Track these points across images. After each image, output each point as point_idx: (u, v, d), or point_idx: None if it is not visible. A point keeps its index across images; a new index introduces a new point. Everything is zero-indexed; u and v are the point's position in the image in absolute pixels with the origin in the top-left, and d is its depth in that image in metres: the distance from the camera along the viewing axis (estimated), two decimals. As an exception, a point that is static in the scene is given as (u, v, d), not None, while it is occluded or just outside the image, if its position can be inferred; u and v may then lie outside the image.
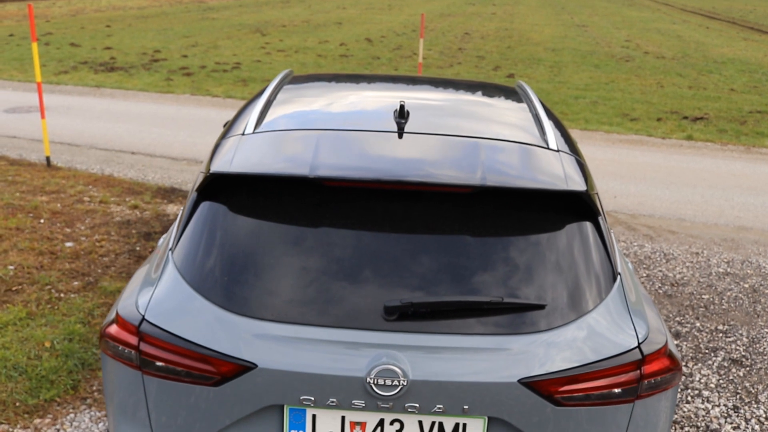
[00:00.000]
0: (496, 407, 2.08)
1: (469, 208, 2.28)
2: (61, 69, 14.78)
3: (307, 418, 2.14)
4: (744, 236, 6.83)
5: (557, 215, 2.31)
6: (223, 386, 2.10)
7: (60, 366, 4.04)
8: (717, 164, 9.24)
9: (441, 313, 2.11)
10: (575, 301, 2.17)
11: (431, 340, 2.08)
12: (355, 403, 2.07)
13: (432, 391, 2.06)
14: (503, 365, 2.07)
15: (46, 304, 4.70)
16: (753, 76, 16.49)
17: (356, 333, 2.08)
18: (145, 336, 2.16)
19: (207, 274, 2.19)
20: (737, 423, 3.96)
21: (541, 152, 2.52)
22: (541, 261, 2.21)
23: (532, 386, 2.06)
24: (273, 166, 2.32)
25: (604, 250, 2.31)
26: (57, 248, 5.54)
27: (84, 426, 3.67)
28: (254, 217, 2.26)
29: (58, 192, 6.90)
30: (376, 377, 2.03)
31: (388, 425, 2.14)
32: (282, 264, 2.17)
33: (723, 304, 5.39)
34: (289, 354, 2.07)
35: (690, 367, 4.49)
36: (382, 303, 2.08)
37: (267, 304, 2.12)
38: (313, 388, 2.07)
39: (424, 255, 2.18)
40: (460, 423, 2.13)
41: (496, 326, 2.10)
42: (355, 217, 2.25)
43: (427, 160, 2.38)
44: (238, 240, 2.23)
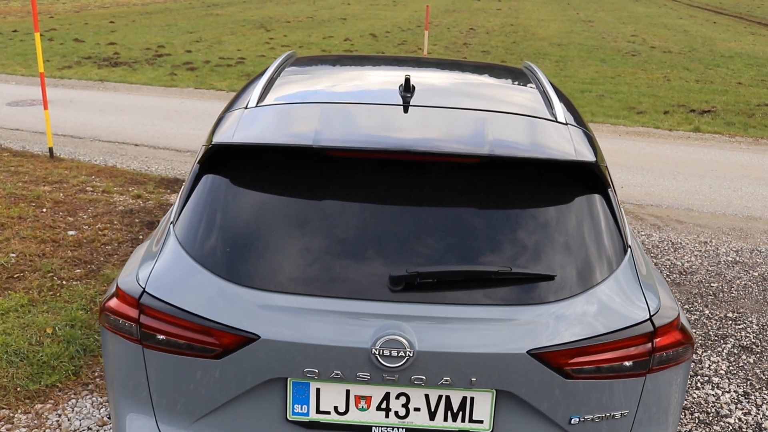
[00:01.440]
0: (505, 380, 2.02)
1: (477, 179, 2.22)
2: (65, 64, 14.75)
3: (310, 391, 2.09)
4: (753, 226, 6.76)
5: (566, 187, 2.25)
6: (225, 359, 2.05)
7: (61, 352, 4.00)
8: (725, 155, 9.16)
9: (448, 283, 2.05)
10: (585, 273, 2.12)
11: (438, 311, 2.02)
12: (360, 375, 2.02)
13: (438, 362, 2.00)
14: (511, 336, 2.01)
15: (48, 291, 4.66)
16: (761, 70, 16.36)
17: (361, 304, 2.02)
18: (145, 309, 2.11)
19: (209, 246, 2.14)
20: (748, 409, 3.89)
21: (549, 125, 2.46)
22: (549, 232, 2.15)
23: (541, 358, 2.01)
24: (276, 137, 2.27)
25: (614, 223, 2.25)
26: (59, 236, 5.50)
27: (86, 411, 3.63)
28: (257, 189, 2.21)
29: (61, 182, 6.86)
30: (381, 348, 1.97)
31: (393, 399, 2.09)
32: (285, 235, 2.12)
33: (732, 292, 5.32)
34: (293, 325, 2.01)
35: (699, 354, 4.43)
36: (387, 274, 2.03)
37: (270, 276, 2.06)
38: (316, 360, 2.01)
39: (430, 226, 2.12)
40: (468, 397, 2.07)
41: (504, 297, 2.04)
42: (359, 188, 2.19)
43: (433, 132, 2.32)
44: (240, 212, 2.18)
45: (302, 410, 2.11)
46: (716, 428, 3.72)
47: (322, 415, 2.11)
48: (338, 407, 2.10)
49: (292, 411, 2.11)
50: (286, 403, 2.10)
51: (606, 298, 2.10)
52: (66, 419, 3.56)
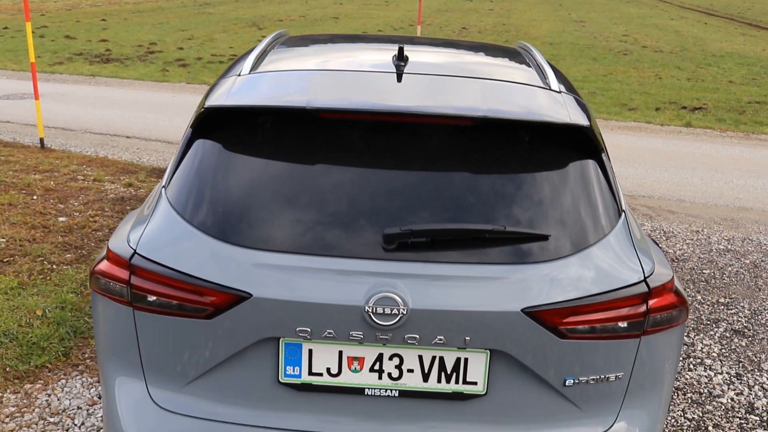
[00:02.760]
0: (499, 339, 2.01)
1: (471, 141, 2.21)
2: (56, 60, 14.68)
3: (303, 352, 2.07)
4: (744, 216, 6.78)
5: (560, 151, 2.24)
6: (217, 319, 2.03)
7: (51, 333, 3.97)
8: (716, 149, 9.19)
9: (442, 242, 2.04)
10: (579, 234, 2.11)
11: (432, 269, 2.00)
12: (353, 334, 2.00)
13: (432, 320, 1.98)
14: (505, 295, 2.00)
15: (38, 275, 4.62)
16: (751, 69, 16.45)
17: (354, 262, 2.00)
18: (136, 269, 2.09)
19: (201, 206, 2.12)
20: (740, 389, 3.90)
21: (543, 92, 2.46)
22: (543, 194, 2.14)
23: (536, 316, 1.99)
24: (269, 101, 2.26)
25: (608, 187, 2.25)
26: (50, 222, 5.46)
27: (75, 391, 3.60)
28: (250, 151, 2.20)
29: (52, 171, 6.82)
30: (374, 306, 1.95)
31: (387, 360, 2.07)
32: (278, 196, 2.10)
33: (724, 279, 5.33)
34: (285, 283, 1.99)
35: (692, 338, 4.43)
36: (380, 232, 2.01)
37: (262, 235, 2.05)
38: (309, 319, 1.99)
39: (423, 187, 2.11)
40: (462, 358, 2.06)
41: (498, 256, 2.03)
42: (353, 150, 2.18)
43: (426, 97, 2.32)
44: (233, 173, 2.16)
45: (294, 372, 2.08)
46: (709, 408, 3.72)
47: (315, 377, 2.09)
48: (331, 369, 2.08)
49: (284, 373, 2.09)
50: (278, 365, 2.08)
51: (600, 258, 2.09)
52: (56, 399, 3.53)
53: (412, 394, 2.09)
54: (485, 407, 2.10)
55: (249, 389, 2.11)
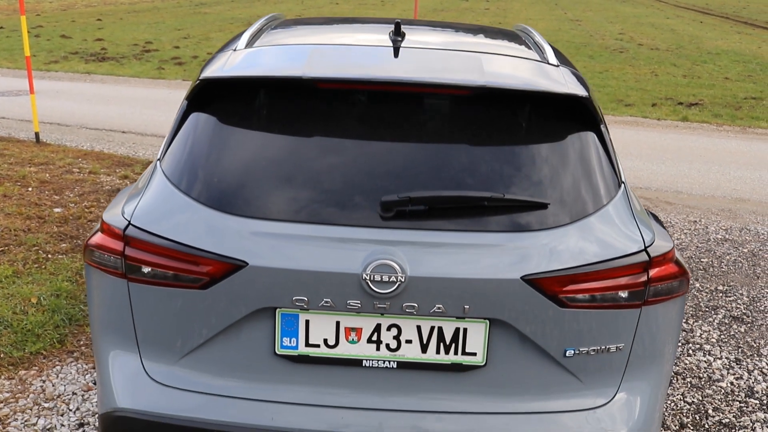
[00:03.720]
0: (498, 308, 1.98)
1: (469, 111, 2.19)
2: (52, 59, 14.63)
3: (299, 323, 2.04)
4: (741, 207, 6.77)
5: (558, 121, 2.22)
6: (212, 289, 2.00)
7: (46, 320, 3.94)
8: (713, 142, 9.19)
9: (440, 209, 2.01)
10: (579, 202, 2.09)
11: (430, 237, 1.98)
12: (351, 303, 1.97)
13: (431, 288, 1.96)
14: (505, 262, 1.97)
15: (33, 264, 4.59)
16: (747, 66, 16.46)
17: (352, 230, 1.98)
18: (131, 240, 2.06)
19: (197, 177, 2.10)
20: (740, 374, 3.88)
21: (541, 65, 2.44)
22: (542, 163, 2.12)
23: (536, 284, 1.97)
24: (266, 71, 2.23)
25: (608, 158, 2.23)
26: (45, 213, 5.43)
27: (70, 377, 3.57)
28: (246, 122, 2.17)
29: (47, 164, 6.78)
30: (372, 273, 1.93)
31: (384, 331, 2.04)
32: (274, 165, 2.08)
33: (722, 267, 5.32)
34: (281, 251, 1.97)
35: (691, 324, 4.42)
36: (378, 200, 1.99)
37: (258, 203, 2.02)
38: (306, 287, 1.96)
39: (421, 156, 2.09)
40: (461, 328, 2.03)
41: (497, 223, 2.01)
42: (350, 121, 2.16)
43: (424, 67, 2.29)
44: (229, 144, 2.13)
45: (291, 343, 2.06)
46: (708, 392, 3.70)
47: (312, 348, 2.06)
48: (328, 340, 2.05)
49: (280, 344, 2.06)
50: (274, 336, 2.05)
51: (600, 228, 2.07)
52: (50, 385, 3.50)
53: (410, 365, 2.07)
54: (484, 379, 2.07)
55: (245, 362, 2.09)
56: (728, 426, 3.42)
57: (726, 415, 3.51)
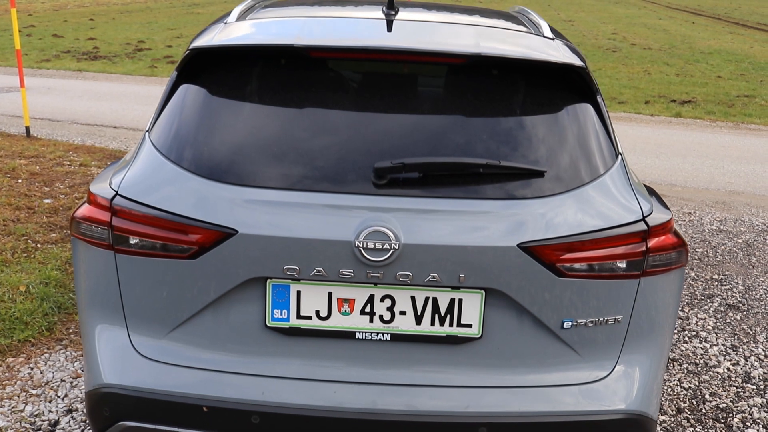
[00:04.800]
0: (494, 277, 1.94)
1: (464, 81, 2.15)
2: (43, 57, 14.55)
3: (291, 294, 1.99)
4: (736, 199, 6.76)
5: (555, 91, 2.19)
6: (201, 258, 1.95)
7: (35, 308, 3.88)
8: (706, 137, 9.19)
9: (435, 176, 1.97)
10: (576, 171, 2.05)
11: (424, 204, 1.93)
12: (343, 272, 1.92)
13: (425, 256, 1.91)
14: (501, 229, 1.93)
15: (22, 253, 4.53)
16: (739, 65, 16.50)
17: (344, 197, 1.93)
18: (118, 211, 2.01)
19: (186, 146, 2.05)
20: (736, 360, 3.85)
21: (536, 37, 2.41)
22: (538, 132, 2.08)
23: (532, 252, 1.93)
24: (257, 40, 2.19)
25: (604, 129, 2.20)
26: (35, 204, 5.36)
27: (59, 365, 3.51)
28: (237, 91, 2.13)
29: (37, 157, 6.71)
30: (365, 241, 1.88)
31: (378, 302, 1.99)
32: (265, 133, 2.04)
33: (717, 257, 5.29)
34: (272, 219, 1.92)
35: (686, 312, 4.39)
36: (371, 167, 1.94)
37: (249, 171, 1.98)
38: (297, 256, 1.91)
39: (415, 125, 2.05)
40: (456, 299, 1.98)
41: (493, 191, 1.97)
42: (343, 89, 2.12)
43: (418, 38, 2.25)
44: (220, 113, 2.09)
45: (282, 315, 2.01)
46: (705, 377, 3.67)
47: (303, 320, 2.01)
48: (320, 312, 2.00)
49: (271, 317, 2.01)
50: (264, 308, 2.00)
51: (598, 197, 2.04)
52: (38, 372, 3.44)
53: (404, 338, 2.02)
54: (480, 351, 2.03)
55: (235, 335, 2.04)
56: (725, 411, 3.39)
57: (723, 400, 3.48)
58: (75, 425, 3.06)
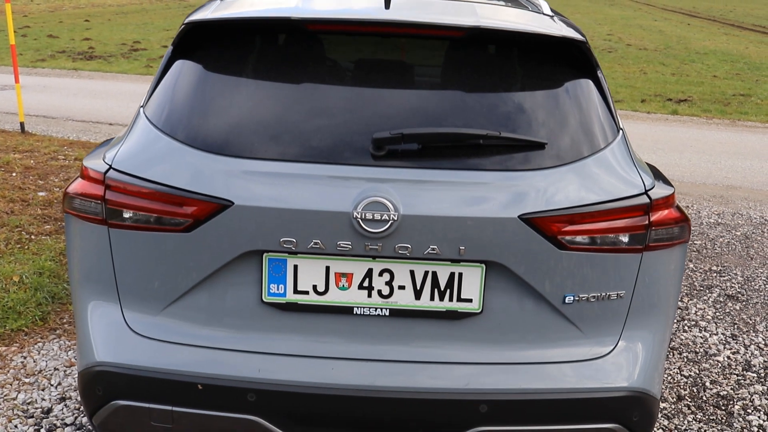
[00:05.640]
0: (495, 249, 1.90)
1: (463, 54, 2.12)
2: (38, 57, 14.48)
3: (287, 269, 1.95)
4: (733, 194, 6.74)
5: (555, 66, 2.16)
6: (196, 231, 1.91)
7: (28, 298, 3.84)
8: (703, 134, 9.18)
9: (434, 148, 1.94)
10: (577, 144, 2.02)
11: (423, 175, 1.90)
12: (341, 244, 1.88)
13: (424, 228, 1.87)
14: (502, 201, 1.90)
15: (16, 244, 4.48)
16: (735, 65, 16.52)
17: (342, 168, 1.90)
18: (111, 184, 1.98)
19: (181, 119, 2.02)
20: (736, 348, 3.83)
21: (535, 14, 2.38)
22: (538, 105, 2.06)
23: (534, 224, 1.89)
24: (253, 13, 2.16)
25: (605, 103, 2.17)
26: (29, 197, 5.32)
27: (52, 354, 3.46)
28: (234, 65, 2.10)
29: (32, 151, 6.67)
30: (363, 211, 1.84)
31: (376, 276, 1.96)
32: (262, 105, 2.01)
33: (716, 249, 5.27)
34: (269, 190, 1.88)
35: (685, 302, 4.36)
36: (369, 138, 1.91)
37: (245, 143, 1.94)
38: (294, 228, 1.88)
39: (414, 97, 2.03)
40: (456, 273, 1.95)
41: (493, 162, 1.94)
42: (340, 62, 2.09)
43: (416, 11, 2.23)
44: (216, 86, 2.06)
45: (279, 290, 1.97)
46: (705, 365, 3.64)
47: (300, 295, 1.98)
48: (317, 286, 1.97)
49: (267, 292, 1.97)
50: (261, 283, 1.97)
51: (600, 170, 2.01)
52: (31, 360, 3.40)
53: (403, 313, 1.99)
54: (481, 327, 2.00)
55: (230, 311, 2.00)
56: (726, 398, 3.36)
57: (723, 387, 3.45)
58: (68, 412, 3.02)
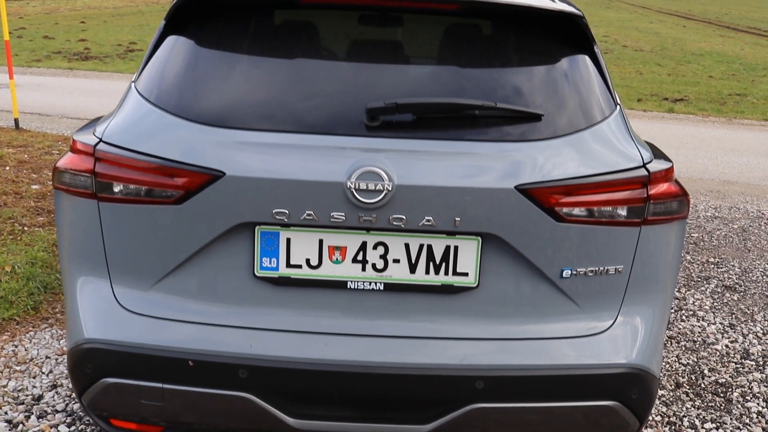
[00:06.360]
0: (491, 221, 1.87)
1: (460, 27, 2.10)
2: (34, 58, 14.46)
3: (280, 242, 1.92)
4: (730, 188, 6.73)
5: (552, 40, 2.14)
6: (188, 203, 1.88)
7: (20, 288, 3.79)
8: (699, 131, 9.18)
9: (429, 119, 1.91)
10: (574, 117, 1.99)
11: (418, 145, 1.87)
12: (335, 216, 1.85)
13: (419, 198, 1.84)
14: (498, 171, 1.87)
15: (8, 235, 4.44)
16: (731, 66, 16.56)
17: (336, 138, 1.87)
18: (101, 157, 1.94)
19: (173, 91, 1.98)
20: (734, 337, 3.80)
21: None
22: (535, 77, 2.03)
23: (531, 195, 1.86)
24: None
25: (602, 78, 2.14)
26: (22, 189, 5.28)
27: (44, 342, 3.42)
28: (226, 38, 2.07)
29: (26, 146, 6.63)
30: (357, 181, 1.81)
31: (371, 249, 1.92)
32: (254, 77, 1.98)
33: (713, 241, 5.25)
34: (261, 161, 1.85)
35: (683, 293, 4.34)
36: (363, 108, 1.88)
37: (238, 114, 1.91)
38: (287, 199, 1.84)
39: (410, 69, 2.00)
40: (451, 246, 1.92)
41: (489, 133, 1.91)
42: (334, 35, 2.06)
43: None
44: (208, 58, 2.03)
45: (271, 264, 1.94)
46: (703, 354, 3.61)
47: (293, 269, 1.94)
48: (310, 260, 1.94)
49: (260, 266, 1.94)
50: (253, 257, 1.93)
51: (597, 142, 1.98)
52: (23, 349, 3.36)
53: (398, 287, 1.96)
54: (477, 301, 1.96)
55: (222, 286, 1.96)
56: (724, 385, 3.33)
57: (722, 375, 3.42)
58: (59, 399, 2.98)
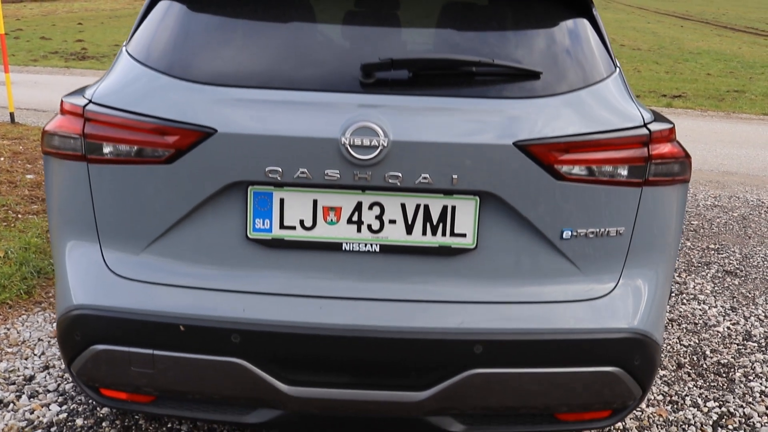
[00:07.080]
0: (490, 179, 1.83)
1: None
2: (31, 58, 14.40)
3: (273, 203, 1.87)
4: (729, 179, 6.69)
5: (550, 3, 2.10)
6: (178, 162, 1.83)
7: (13, 272, 3.75)
8: (698, 124, 9.15)
9: (425, 76, 1.86)
10: (574, 75, 1.96)
11: (414, 102, 1.83)
12: (329, 174, 1.81)
13: (416, 155, 1.80)
14: (496, 127, 1.83)
15: (2, 222, 4.40)
16: (728, 64, 16.54)
17: (330, 95, 1.83)
18: (91, 117, 1.90)
19: (165, 50, 1.95)
20: (736, 320, 3.76)
21: None
22: (533, 36, 1.99)
23: (529, 151, 1.82)
24: None
25: (601, 41, 2.11)
26: (17, 179, 5.24)
27: (37, 325, 3.38)
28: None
29: (21, 138, 6.58)
30: (352, 137, 1.77)
31: (366, 210, 1.88)
32: (247, 34, 1.94)
33: (713, 229, 5.21)
34: (253, 117, 1.81)
35: (683, 277, 4.29)
36: (358, 65, 1.84)
37: (230, 71, 1.87)
38: (280, 156, 1.80)
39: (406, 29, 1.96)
40: (449, 206, 1.87)
41: (487, 90, 1.87)
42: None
43: None
44: (201, 17, 2.00)
45: (264, 226, 1.89)
46: (705, 335, 3.57)
47: (287, 231, 1.90)
48: (304, 221, 1.89)
49: (252, 227, 1.89)
50: (246, 218, 1.89)
51: (597, 101, 1.94)
52: (15, 331, 3.31)
53: (394, 249, 1.91)
54: (475, 263, 1.92)
55: (214, 248, 1.92)
56: (727, 366, 3.28)
57: (724, 356, 3.38)
58: (51, 380, 2.93)
